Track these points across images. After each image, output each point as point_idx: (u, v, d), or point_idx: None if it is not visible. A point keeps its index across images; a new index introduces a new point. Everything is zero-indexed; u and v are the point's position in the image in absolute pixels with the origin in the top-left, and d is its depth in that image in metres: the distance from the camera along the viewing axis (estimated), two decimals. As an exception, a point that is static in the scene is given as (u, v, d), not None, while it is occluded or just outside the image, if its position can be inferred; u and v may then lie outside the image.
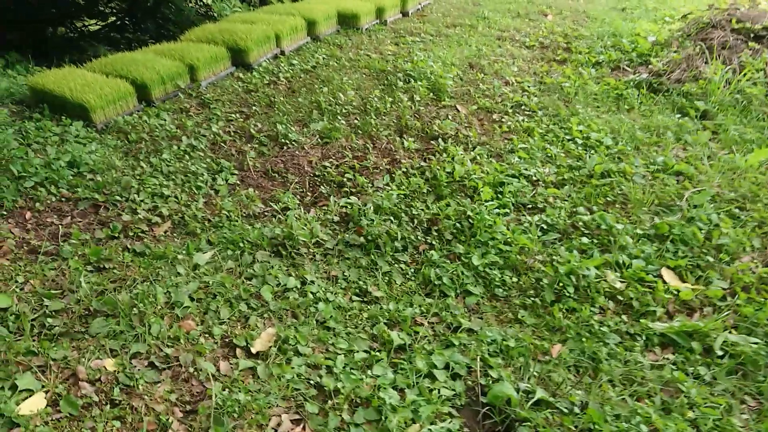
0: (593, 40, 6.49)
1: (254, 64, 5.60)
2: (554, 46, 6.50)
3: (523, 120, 4.55)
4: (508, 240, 3.23)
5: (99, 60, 5.19)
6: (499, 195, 3.62)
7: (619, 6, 8.52)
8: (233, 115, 4.71)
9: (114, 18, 8.00)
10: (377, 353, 2.56)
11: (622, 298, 2.90)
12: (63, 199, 3.54)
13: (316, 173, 4.00)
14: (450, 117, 4.62)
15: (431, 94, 4.98)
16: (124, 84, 4.66)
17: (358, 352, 2.57)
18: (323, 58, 5.81)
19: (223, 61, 5.43)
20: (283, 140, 4.33)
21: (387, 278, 3.05)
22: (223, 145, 4.30)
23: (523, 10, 8.08)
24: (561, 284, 2.95)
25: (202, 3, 8.33)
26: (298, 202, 3.67)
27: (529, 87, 5.20)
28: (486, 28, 7.09)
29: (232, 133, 4.45)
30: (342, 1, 7.11)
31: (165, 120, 4.57)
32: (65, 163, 3.79)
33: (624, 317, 2.78)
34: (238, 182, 3.90)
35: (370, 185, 3.83)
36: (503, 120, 4.63)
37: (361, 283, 2.99)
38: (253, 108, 4.83)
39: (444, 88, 4.99)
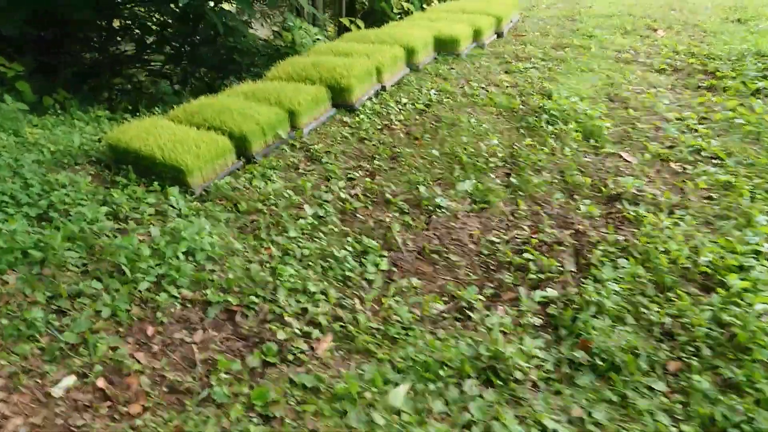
0: (734, 62, 5.76)
1: (357, 104, 4.94)
2: (689, 69, 5.79)
3: (714, 172, 3.83)
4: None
5: (183, 107, 4.57)
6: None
7: (733, 17, 7.79)
8: (354, 173, 4.05)
9: (169, 48, 7.42)
10: None
11: None
12: (186, 303, 2.87)
13: (484, 252, 3.31)
14: (623, 170, 3.91)
15: (586, 139, 4.28)
16: (221, 139, 4.04)
17: None
18: (434, 94, 5.15)
19: (323, 102, 4.80)
20: (428, 206, 3.66)
21: (650, 419, 2.33)
22: (355, 214, 3.63)
23: (630, 26, 7.38)
24: None
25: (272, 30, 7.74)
26: (478, 296, 2.97)
27: (695, 125, 4.48)
28: (599, 49, 6.39)
29: (361, 198, 3.78)
30: (434, 23, 6.47)
31: (275, 182, 3.92)
32: (182, 254, 3.12)
33: None
34: (391, 268, 3.21)
35: (560, 268, 3.13)
36: (687, 171, 3.91)
37: (622, 431, 2.27)
38: (375, 162, 4.16)
39: (600, 131, 4.29)
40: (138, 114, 5.32)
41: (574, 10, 8.56)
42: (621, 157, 4.10)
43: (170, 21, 7.63)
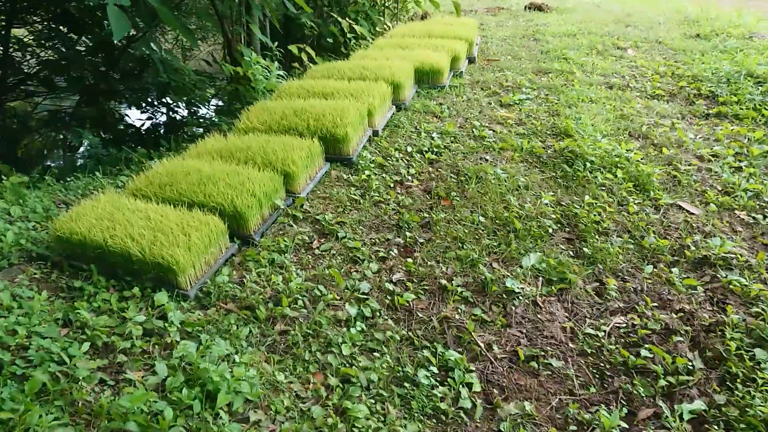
0: (728, 84, 5.66)
1: (354, 156, 4.27)
2: (684, 93, 5.64)
3: (790, 221, 3.55)
4: None
5: (146, 177, 3.72)
6: None
7: (690, 32, 7.87)
8: (384, 250, 3.39)
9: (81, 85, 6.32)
10: None
11: None
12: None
13: (588, 350, 2.78)
14: (695, 225, 3.54)
15: (637, 189, 3.89)
16: (213, 220, 3.26)
17: None
18: (437, 138, 4.58)
19: (317, 158, 4.10)
20: (496, 292, 3.07)
21: None
22: (409, 310, 2.98)
23: (599, 45, 7.21)
24: None
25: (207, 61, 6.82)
26: (619, 421, 2.41)
27: (735, 163, 4.23)
28: (583, 74, 6.12)
29: (409, 286, 3.13)
30: (406, 51, 5.92)
31: (292, 271, 3.18)
32: (220, 409, 2.33)
33: None
34: (487, 387, 2.59)
35: (688, 366, 2.64)
36: (759, 222, 3.60)
37: None
38: (405, 233, 3.53)
39: (648, 178, 3.92)
40: (72, 179, 4.34)
41: (530, 29, 8.34)
42: (683, 208, 3.73)
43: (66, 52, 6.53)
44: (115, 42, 4.41)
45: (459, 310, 2.98)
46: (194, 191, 3.50)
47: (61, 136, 6.93)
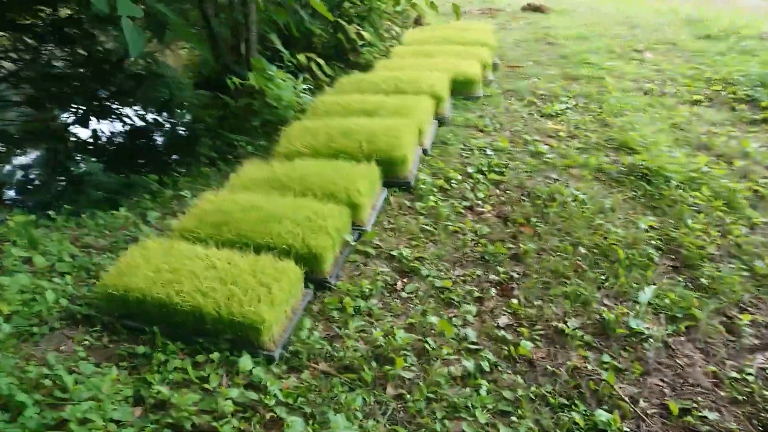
0: (764, 87, 5.57)
1: (411, 179, 3.95)
2: (722, 98, 5.52)
3: None
4: None
5: (195, 216, 3.37)
6: None
7: (698, 33, 7.82)
8: (479, 290, 3.09)
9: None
10: None
11: None
12: None
13: (739, 397, 2.53)
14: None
15: (728, 208, 3.69)
16: (290, 267, 2.89)
17: None
18: (493, 155, 4.30)
19: (377, 184, 3.76)
20: (620, 334, 2.80)
21: None
22: (530, 362, 2.68)
23: (618, 48, 7.08)
24: None
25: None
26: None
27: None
28: (613, 79, 5.95)
29: (521, 332, 2.83)
30: (432, 59, 5.62)
31: (386, 320, 2.85)
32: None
33: None
34: (650, 453, 2.31)
35: None
36: None
37: None
38: (497, 268, 3.23)
39: (733, 195, 3.73)
40: (85, 214, 3.88)
41: (538, 32, 8.17)
42: (780, 227, 3.55)
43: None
44: (132, 58, 3.95)
45: (585, 359, 2.69)
46: (257, 231, 3.12)
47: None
